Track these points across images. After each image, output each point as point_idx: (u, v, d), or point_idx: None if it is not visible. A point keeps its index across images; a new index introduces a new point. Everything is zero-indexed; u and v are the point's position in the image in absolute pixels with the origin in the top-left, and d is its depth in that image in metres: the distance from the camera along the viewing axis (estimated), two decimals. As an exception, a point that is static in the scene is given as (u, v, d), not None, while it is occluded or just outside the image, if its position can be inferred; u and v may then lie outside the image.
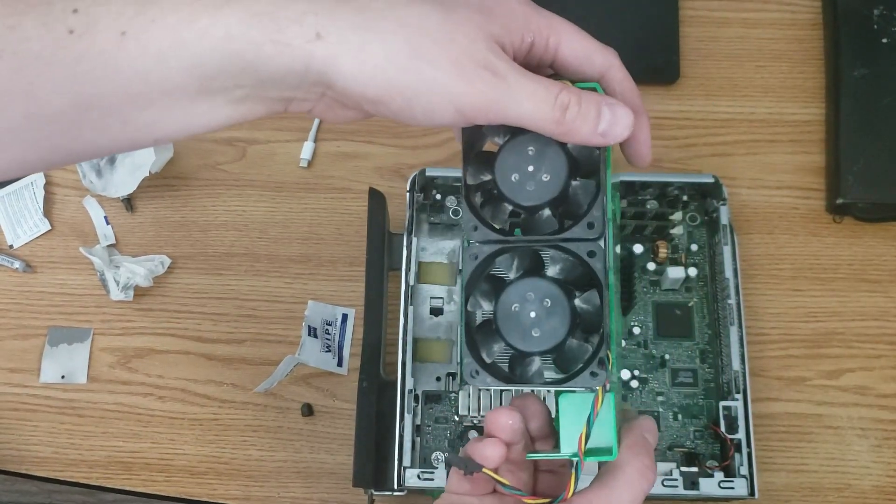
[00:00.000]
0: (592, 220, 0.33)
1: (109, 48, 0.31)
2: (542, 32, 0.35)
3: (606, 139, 0.33)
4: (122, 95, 0.31)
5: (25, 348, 0.61)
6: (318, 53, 0.31)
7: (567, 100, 0.32)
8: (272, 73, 0.32)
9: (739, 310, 0.56)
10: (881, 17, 0.64)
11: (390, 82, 0.31)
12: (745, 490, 0.52)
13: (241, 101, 0.33)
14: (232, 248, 0.63)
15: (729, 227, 0.57)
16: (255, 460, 0.58)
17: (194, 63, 0.31)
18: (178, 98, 0.32)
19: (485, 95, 0.31)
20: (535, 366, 0.34)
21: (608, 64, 0.36)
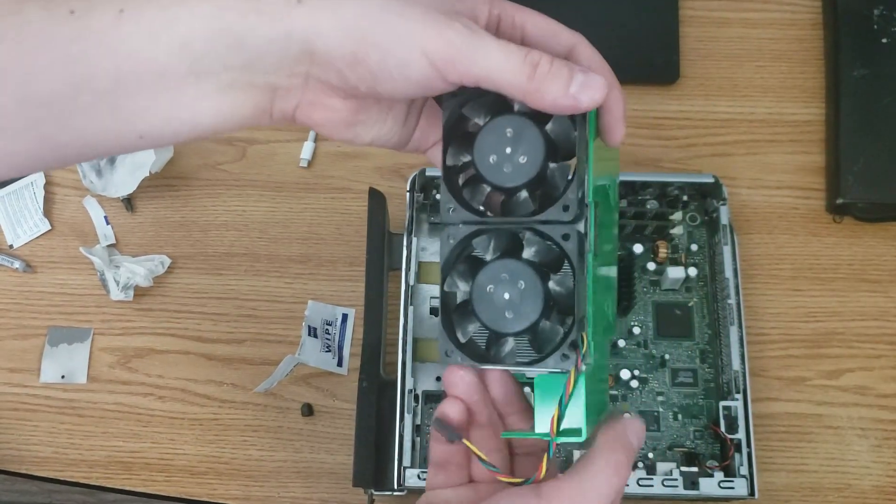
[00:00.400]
0: (567, 203, 0.33)
1: (106, 27, 0.31)
2: (507, 10, 0.35)
3: (577, 102, 0.32)
4: (113, 77, 0.32)
5: (25, 348, 0.61)
6: (299, 19, 0.32)
7: (538, 58, 0.32)
8: (256, 45, 0.32)
9: (739, 310, 0.56)
10: (881, 18, 0.64)
11: (365, 36, 0.32)
12: (745, 490, 0.52)
13: (228, 89, 0.33)
14: (232, 247, 0.63)
15: (729, 227, 0.57)
16: (255, 460, 0.58)
17: (184, 40, 0.32)
18: (167, 82, 0.32)
19: (454, 45, 0.31)
20: (508, 346, 0.34)
21: (575, 41, 0.36)
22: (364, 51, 0.32)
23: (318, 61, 0.32)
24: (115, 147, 0.35)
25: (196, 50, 0.32)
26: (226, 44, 0.32)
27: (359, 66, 0.32)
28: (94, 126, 0.33)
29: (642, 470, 0.55)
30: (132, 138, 0.34)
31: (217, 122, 0.34)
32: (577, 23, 0.70)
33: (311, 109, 0.35)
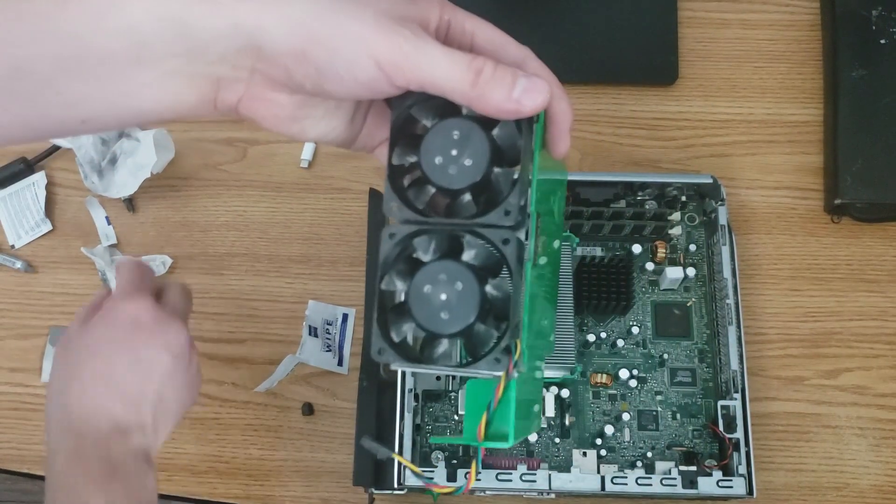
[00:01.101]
0: (509, 208, 0.33)
1: (49, 10, 0.31)
2: (457, 16, 0.35)
3: (520, 107, 0.32)
4: (54, 61, 0.32)
5: (27, 348, 0.61)
6: (246, 12, 0.32)
7: (482, 64, 0.32)
8: (202, 35, 0.32)
9: (738, 310, 0.56)
10: (879, 19, 0.64)
11: (313, 34, 0.32)
12: (744, 489, 0.52)
13: (170, 79, 0.33)
14: (233, 248, 0.63)
15: (727, 228, 0.58)
16: (255, 459, 0.58)
17: (129, 26, 0.31)
18: (110, 68, 0.32)
19: (401, 49, 0.31)
20: (441, 348, 0.34)
21: (523, 55, 0.36)
22: (311, 49, 0.32)
23: (264, 56, 0.32)
24: (57, 131, 0.35)
25: (140, 36, 0.32)
26: (171, 31, 0.32)
27: (305, 64, 0.32)
28: (35, 110, 0.33)
29: (641, 469, 0.55)
30: (74, 123, 0.34)
31: (160, 109, 0.34)
32: (576, 24, 0.71)
33: (255, 103, 0.34)
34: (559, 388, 0.56)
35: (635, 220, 0.59)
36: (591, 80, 0.66)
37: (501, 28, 0.37)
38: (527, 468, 0.52)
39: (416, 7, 0.34)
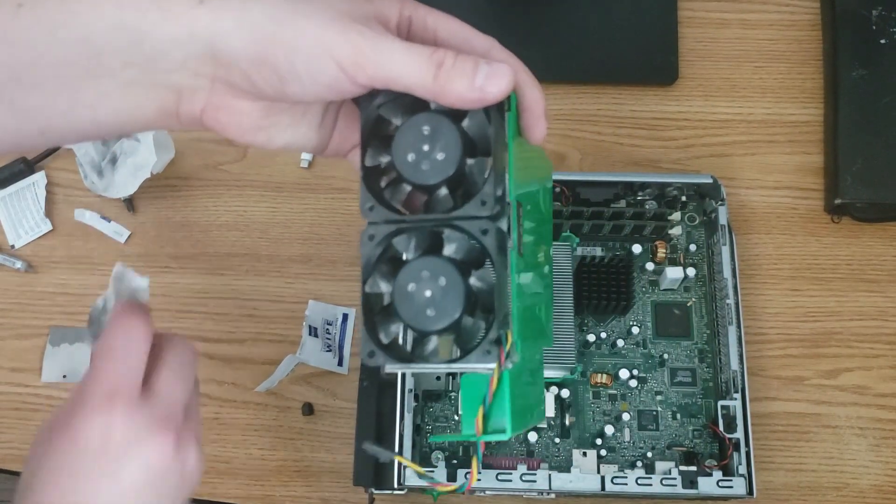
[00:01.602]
0: (485, 198, 0.33)
1: (3, 20, 0.31)
2: (418, 11, 0.35)
3: (484, 94, 0.32)
4: (9, 70, 0.31)
5: (27, 348, 0.61)
6: (202, 18, 0.31)
7: (442, 56, 0.32)
8: (158, 43, 0.32)
9: (738, 310, 0.56)
10: (879, 18, 0.64)
11: (271, 38, 0.31)
12: (744, 489, 0.52)
13: (128, 89, 0.32)
14: (233, 248, 0.63)
15: (727, 228, 0.58)
16: (256, 459, 0.58)
17: (84, 35, 0.31)
18: (65, 78, 0.32)
19: (360, 48, 0.31)
20: (431, 345, 0.34)
21: (489, 45, 0.36)
22: (270, 52, 0.31)
23: (223, 62, 0.32)
24: (16, 143, 0.34)
25: (95, 45, 0.31)
26: (126, 40, 0.31)
27: (264, 69, 0.32)
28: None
29: (641, 469, 0.55)
30: (33, 134, 0.34)
31: (120, 120, 0.33)
32: (576, 24, 0.71)
33: (218, 112, 0.34)
34: (559, 388, 0.57)
35: (635, 220, 0.59)
36: (591, 80, 0.66)
37: (501, 28, 0.37)
38: (527, 468, 0.52)
39: (375, 5, 0.34)
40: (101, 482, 0.35)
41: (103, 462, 0.34)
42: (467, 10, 0.67)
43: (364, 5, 0.33)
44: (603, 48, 0.67)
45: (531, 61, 0.37)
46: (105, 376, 0.35)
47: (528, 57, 0.37)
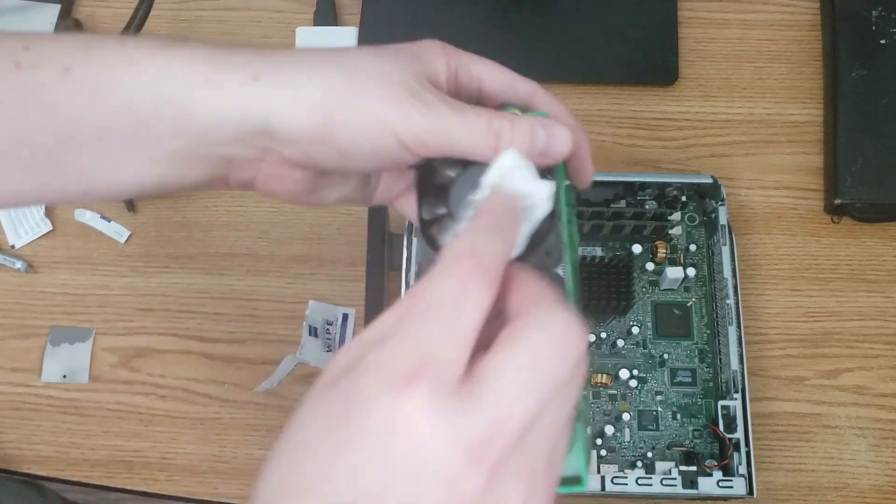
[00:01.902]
0: (549, 248, 0.33)
1: (49, 83, 0.31)
2: (462, 61, 0.35)
3: (546, 158, 0.33)
4: (54, 133, 0.31)
5: (27, 348, 0.61)
6: (256, 95, 0.31)
7: (499, 126, 0.32)
8: (208, 118, 0.31)
9: (738, 310, 0.56)
10: (879, 19, 0.64)
11: (331, 117, 0.31)
12: (744, 489, 0.52)
13: (176, 158, 0.32)
14: (233, 248, 0.63)
15: (727, 228, 0.58)
16: (256, 459, 0.58)
17: (128, 104, 0.31)
18: (111, 144, 0.31)
19: (421, 125, 0.31)
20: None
21: (531, 90, 0.36)
22: (331, 132, 0.31)
23: (280, 139, 0.32)
24: (57, 199, 0.34)
25: (140, 115, 0.31)
26: (173, 113, 0.31)
27: (325, 146, 0.32)
28: (33, 181, 0.32)
29: (641, 469, 0.55)
30: (75, 193, 0.33)
31: (165, 184, 0.33)
32: (576, 24, 0.71)
33: (271, 181, 0.34)
34: (559, 388, 0.56)
35: (635, 220, 0.59)
36: (591, 81, 0.66)
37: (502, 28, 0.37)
38: (527, 468, 0.52)
39: (425, 64, 0.33)
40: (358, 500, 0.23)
41: (371, 473, 0.23)
42: (468, 10, 0.67)
43: (415, 65, 0.33)
44: (603, 48, 0.67)
45: (531, 61, 0.37)
46: (413, 338, 0.24)
47: (528, 57, 0.37)
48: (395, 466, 0.22)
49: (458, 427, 0.22)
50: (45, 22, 0.67)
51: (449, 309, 0.24)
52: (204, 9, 0.69)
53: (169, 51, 0.31)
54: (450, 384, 0.23)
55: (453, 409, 0.22)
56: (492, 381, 0.23)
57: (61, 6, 0.68)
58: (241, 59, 0.31)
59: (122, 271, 0.63)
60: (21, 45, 0.31)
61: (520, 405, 0.23)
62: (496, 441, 0.22)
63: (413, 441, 0.22)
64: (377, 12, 0.67)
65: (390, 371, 0.23)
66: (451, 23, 0.67)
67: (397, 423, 0.22)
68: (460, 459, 0.22)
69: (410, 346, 0.23)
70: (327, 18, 0.68)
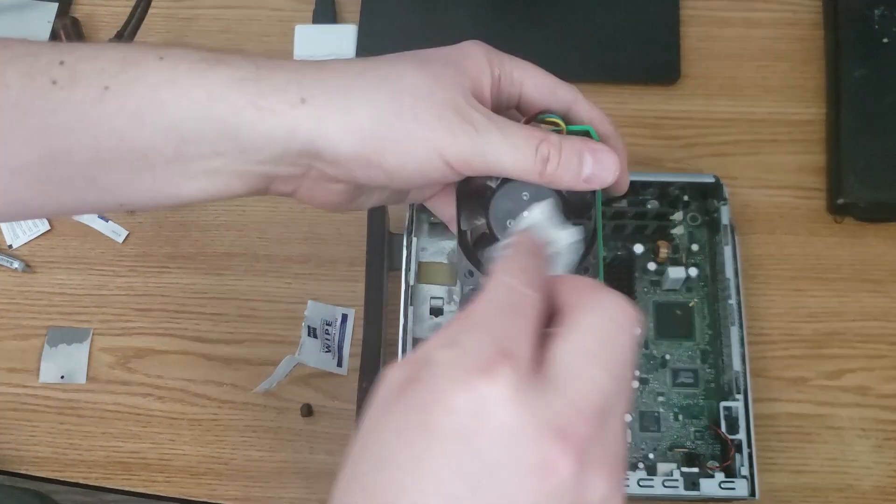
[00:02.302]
0: (588, 265, 0.33)
1: (88, 102, 0.30)
2: (505, 66, 0.35)
3: (592, 185, 0.33)
4: (92, 151, 0.31)
5: (24, 348, 0.61)
6: (303, 119, 0.31)
7: (547, 152, 0.32)
8: (253, 139, 0.31)
9: (740, 310, 0.56)
10: (882, 18, 0.64)
11: (380, 141, 0.31)
12: (746, 491, 0.51)
13: (217, 174, 0.32)
14: (232, 248, 0.63)
15: (730, 227, 0.57)
16: (254, 461, 0.58)
17: (171, 124, 0.30)
18: (151, 161, 0.31)
19: (469, 148, 0.31)
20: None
21: (573, 97, 0.36)
22: (379, 155, 0.31)
23: (326, 159, 0.32)
24: (94, 210, 0.34)
25: (182, 134, 0.31)
26: (217, 132, 0.31)
27: (372, 168, 0.32)
28: (71, 195, 0.32)
29: (643, 471, 0.54)
30: (111, 206, 0.33)
31: (204, 197, 0.33)
32: (577, 22, 0.71)
33: (312, 193, 0.34)
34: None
35: (637, 219, 0.58)
36: (592, 79, 0.66)
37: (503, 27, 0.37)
38: (528, 470, 0.52)
39: (470, 76, 0.33)
40: (451, 496, 0.22)
41: (461, 466, 0.22)
42: (468, 8, 0.67)
43: (461, 79, 0.33)
44: (604, 47, 0.66)
45: (532, 60, 0.37)
46: (484, 327, 0.24)
47: (530, 56, 0.37)
48: (487, 454, 0.22)
49: (543, 410, 0.22)
50: (42, 20, 0.67)
51: (511, 309, 0.25)
52: (202, 6, 0.69)
53: (211, 72, 0.31)
54: (528, 371, 0.23)
55: (535, 394, 0.23)
56: (565, 365, 0.24)
57: (59, 4, 0.67)
58: (285, 79, 0.31)
59: (120, 271, 0.62)
60: (56, 61, 0.31)
61: (594, 385, 0.23)
62: (580, 422, 0.23)
63: (503, 426, 0.22)
64: (376, 11, 0.67)
65: (468, 363, 0.23)
66: (450, 21, 0.66)
67: (485, 411, 0.22)
68: (550, 442, 0.22)
69: (484, 340, 0.24)
70: (326, 16, 0.67)
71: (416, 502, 0.22)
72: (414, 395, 0.24)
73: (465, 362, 0.23)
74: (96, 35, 0.68)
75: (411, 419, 0.23)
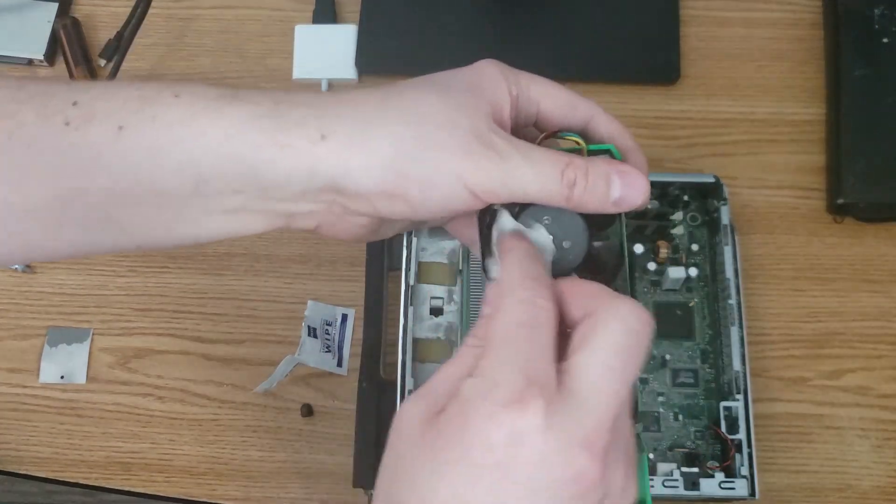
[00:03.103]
0: (617, 286, 0.33)
1: (103, 142, 0.30)
2: (521, 84, 0.34)
3: (619, 208, 0.32)
4: (108, 192, 0.30)
5: (25, 348, 0.61)
6: (324, 155, 0.30)
7: (573, 176, 0.31)
8: (274, 177, 0.30)
9: (740, 310, 0.56)
10: (882, 17, 0.64)
11: (404, 174, 0.30)
12: (746, 491, 0.51)
13: (237, 212, 0.31)
14: (231, 248, 0.63)
15: (730, 227, 0.57)
16: (254, 461, 0.58)
17: (189, 162, 0.30)
18: (168, 200, 0.31)
19: (493, 177, 0.31)
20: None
21: (592, 112, 0.35)
22: (403, 188, 0.31)
23: (347, 195, 0.31)
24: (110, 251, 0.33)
25: (200, 173, 0.30)
26: (235, 171, 0.30)
27: (395, 201, 0.31)
28: (87, 237, 0.32)
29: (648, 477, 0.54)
30: (129, 247, 0.33)
31: (223, 236, 0.33)
32: (577, 22, 0.71)
33: (335, 229, 0.34)
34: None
35: (637, 219, 0.58)
36: (592, 79, 0.66)
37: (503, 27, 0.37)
38: (528, 470, 0.52)
39: (489, 100, 0.33)
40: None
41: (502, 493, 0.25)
42: (468, 8, 0.67)
43: (480, 104, 0.32)
44: (604, 47, 0.66)
45: (532, 60, 0.37)
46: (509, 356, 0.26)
47: (529, 56, 0.37)
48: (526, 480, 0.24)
49: (573, 430, 0.25)
50: (42, 20, 0.67)
51: (530, 327, 0.26)
52: (202, 6, 0.69)
53: (229, 108, 0.30)
54: (554, 395, 0.25)
55: (564, 417, 0.25)
56: (588, 383, 0.26)
57: (59, 4, 0.67)
58: (304, 114, 0.31)
59: (120, 271, 0.62)
60: (69, 101, 0.30)
61: (612, 395, 0.26)
62: (603, 430, 0.25)
63: (538, 453, 0.24)
64: (376, 10, 0.67)
65: (499, 397, 0.25)
66: (450, 21, 0.66)
67: (521, 442, 0.24)
68: (582, 456, 0.25)
69: (511, 370, 0.25)
70: (326, 17, 0.67)
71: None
72: (447, 431, 0.26)
73: (496, 396, 0.25)
74: (96, 35, 0.68)
75: (447, 455, 0.25)
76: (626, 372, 0.26)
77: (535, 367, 0.26)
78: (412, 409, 0.27)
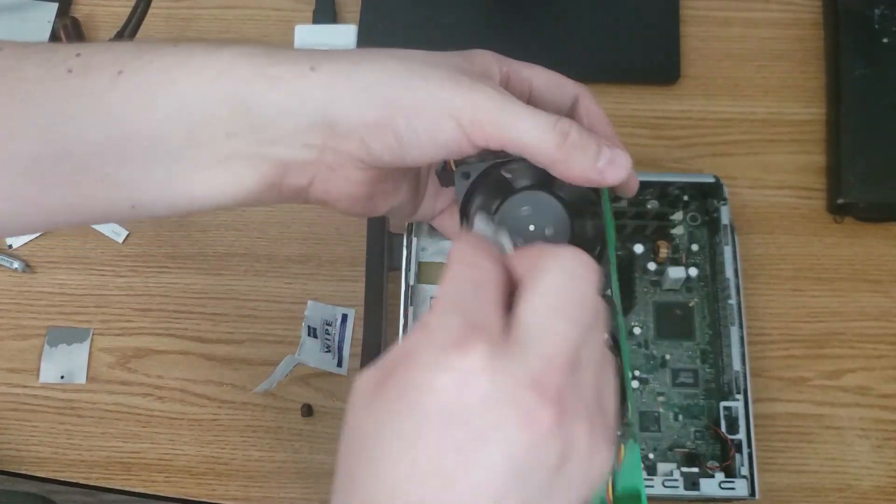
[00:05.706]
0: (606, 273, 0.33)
1: (101, 88, 0.30)
2: (513, 66, 0.35)
3: (603, 178, 0.31)
4: (103, 142, 0.30)
5: (24, 348, 0.61)
6: (315, 85, 0.30)
7: (567, 127, 0.31)
8: (265, 113, 0.30)
9: (740, 310, 0.56)
10: (882, 17, 0.64)
11: (390, 100, 0.31)
12: (746, 490, 0.51)
13: (230, 161, 0.31)
14: (231, 248, 0.63)
15: (730, 227, 0.57)
16: (254, 461, 0.58)
17: (182, 104, 0.30)
18: (161, 151, 0.31)
19: (483, 108, 0.30)
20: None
21: (578, 92, 0.36)
22: (390, 117, 0.31)
23: (339, 131, 0.31)
24: (106, 215, 0.33)
25: (195, 115, 0.30)
26: (229, 110, 0.30)
27: (384, 134, 0.31)
28: (81, 193, 0.32)
29: (643, 471, 0.54)
30: (124, 208, 0.32)
31: (216, 194, 0.32)
32: (577, 22, 0.71)
33: (327, 184, 0.33)
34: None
35: (637, 219, 0.58)
36: (592, 79, 0.65)
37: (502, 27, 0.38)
38: (528, 470, 0.52)
39: (478, 64, 0.33)
40: (448, 468, 0.23)
41: (452, 438, 0.23)
42: (468, 8, 0.67)
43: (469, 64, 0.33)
44: (604, 47, 0.66)
45: (532, 60, 0.37)
46: (451, 307, 0.25)
47: (529, 56, 0.37)
48: (474, 422, 0.23)
49: (518, 370, 0.24)
50: (42, 20, 0.67)
51: (474, 283, 0.26)
52: (202, 6, 0.69)
53: (224, 49, 0.31)
54: (499, 338, 0.24)
55: (509, 357, 0.24)
56: (531, 324, 0.25)
57: (59, 4, 0.67)
58: (296, 53, 0.31)
59: (120, 271, 0.62)
60: (73, 52, 0.31)
61: (562, 337, 0.25)
62: (553, 372, 0.24)
63: (484, 393, 0.23)
64: (376, 11, 0.67)
65: (441, 342, 0.24)
66: (450, 21, 0.66)
67: (465, 383, 0.24)
68: (529, 395, 0.23)
69: (452, 318, 0.25)
70: (326, 16, 0.67)
71: (414, 485, 0.23)
72: (393, 386, 0.25)
73: (438, 342, 0.24)
74: (96, 35, 0.68)
75: (395, 408, 0.24)
76: (571, 314, 0.25)
77: (478, 314, 0.25)
78: (363, 380, 0.26)
